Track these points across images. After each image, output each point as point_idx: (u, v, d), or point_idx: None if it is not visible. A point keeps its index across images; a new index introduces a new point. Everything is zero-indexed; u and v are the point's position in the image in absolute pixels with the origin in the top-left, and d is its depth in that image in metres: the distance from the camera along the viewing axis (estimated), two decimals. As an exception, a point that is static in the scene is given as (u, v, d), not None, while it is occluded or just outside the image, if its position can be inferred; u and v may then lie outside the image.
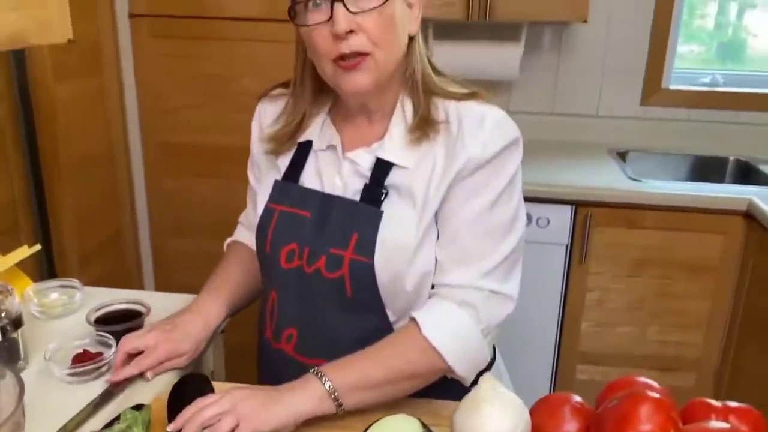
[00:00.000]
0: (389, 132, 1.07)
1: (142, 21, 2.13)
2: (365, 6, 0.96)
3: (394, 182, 1.05)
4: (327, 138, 1.11)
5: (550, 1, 2.21)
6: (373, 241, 1.02)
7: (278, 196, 1.13)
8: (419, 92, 1.07)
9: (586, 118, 2.66)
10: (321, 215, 1.07)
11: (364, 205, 1.05)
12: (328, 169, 1.10)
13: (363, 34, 0.97)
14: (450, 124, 1.04)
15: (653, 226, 2.10)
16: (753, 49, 2.66)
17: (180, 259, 2.37)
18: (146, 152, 2.27)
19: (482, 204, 1.03)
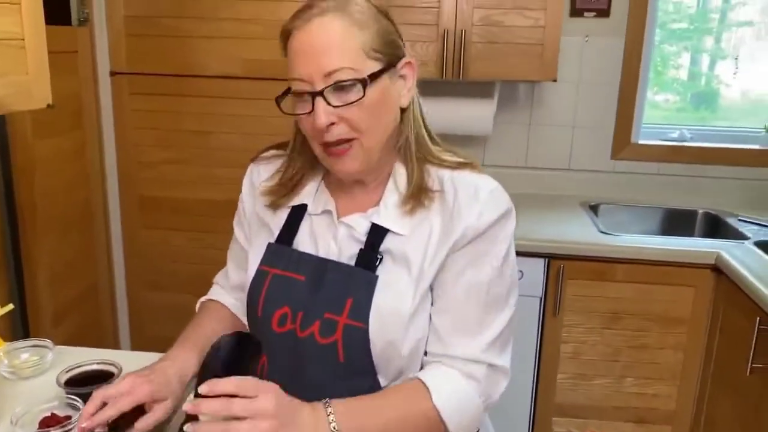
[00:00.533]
0: (384, 199, 1.08)
1: (122, 78, 2.17)
2: (346, 99, 0.97)
3: (389, 248, 1.05)
4: (322, 202, 1.12)
5: (521, 61, 2.29)
6: (368, 307, 1.02)
7: (271, 258, 1.12)
8: (413, 161, 1.07)
9: (558, 172, 2.73)
10: (316, 279, 1.07)
11: (359, 269, 1.05)
12: (323, 233, 1.10)
13: (345, 124, 0.99)
14: (445, 194, 1.06)
15: (625, 279, 2.14)
16: (725, 98, 2.74)
17: (156, 313, 2.36)
18: (124, 206, 2.29)
19: (480, 275, 1.05)
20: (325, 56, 0.95)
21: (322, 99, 0.97)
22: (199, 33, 2.10)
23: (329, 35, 0.96)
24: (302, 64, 0.97)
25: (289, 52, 0.99)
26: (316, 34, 0.96)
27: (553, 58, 2.28)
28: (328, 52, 0.95)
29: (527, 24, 2.27)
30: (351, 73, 0.96)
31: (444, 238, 1.04)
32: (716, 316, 2.10)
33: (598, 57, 2.60)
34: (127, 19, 2.13)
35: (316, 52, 0.96)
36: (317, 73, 0.96)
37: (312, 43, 0.96)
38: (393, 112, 1.04)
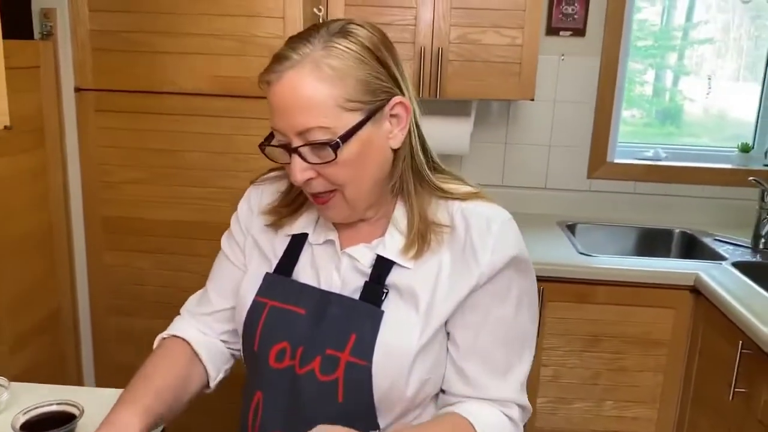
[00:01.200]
0: (389, 231, 1.03)
1: (88, 95, 2.08)
2: (322, 157, 0.93)
3: (395, 282, 1.00)
4: (323, 232, 1.07)
5: (498, 80, 2.27)
6: (373, 343, 0.97)
7: (269, 289, 1.06)
8: (411, 200, 1.01)
9: (534, 191, 2.70)
10: (317, 313, 1.01)
11: (363, 303, 1.00)
12: (324, 264, 1.05)
13: (323, 179, 0.95)
14: (455, 228, 1.01)
15: (604, 301, 2.11)
16: (689, 114, 2.76)
17: (121, 339, 2.26)
18: (88, 227, 2.19)
19: (506, 312, 1.01)
20: (297, 115, 0.91)
21: (297, 156, 0.93)
22: (167, 48, 2.02)
23: (300, 92, 0.90)
24: (277, 118, 0.94)
25: (268, 100, 0.95)
26: (288, 91, 0.91)
27: (530, 77, 2.26)
28: (300, 111, 0.90)
29: (504, 42, 2.24)
30: (324, 132, 0.91)
31: (459, 276, 0.99)
32: (696, 337, 2.08)
33: (573, 76, 2.59)
34: (93, 33, 2.04)
35: (288, 110, 0.91)
36: (291, 130, 0.92)
37: (284, 100, 0.91)
38: (380, 159, 0.98)
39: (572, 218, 2.61)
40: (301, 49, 0.91)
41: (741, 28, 2.70)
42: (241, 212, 1.16)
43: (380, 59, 0.95)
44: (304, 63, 0.90)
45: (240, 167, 2.08)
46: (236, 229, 1.16)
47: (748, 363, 1.74)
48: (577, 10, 2.53)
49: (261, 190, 1.15)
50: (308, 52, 0.91)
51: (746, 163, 2.67)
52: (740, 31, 2.70)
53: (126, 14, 2.03)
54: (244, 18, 1.99)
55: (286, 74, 0.91)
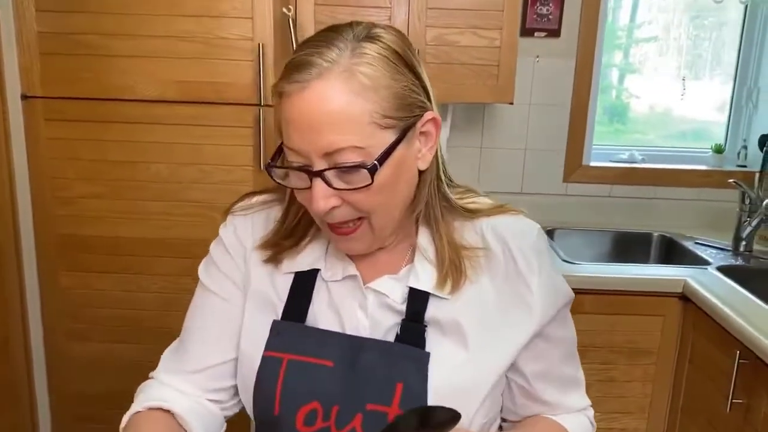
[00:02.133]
0: (418, 259, 0.90)
1: (36, 103, 1.91)
2: (351, 182, 0.79)
3: (435, 316, 0.88)
4: (339, 265, 0.92)
5: (476, 83, 2.18)
6: (425, 392, 0.84)
7: (281, 340, 0.90)
8: (440, 229, 0.89)
9: (510, 196, 2.62)
10: (348, 363, 0.87)
11: (404, 346, 0.86)
12: (346, 303, 0.90)
13: (349, 206, 0.81)
14: (491, 249, 0.90)
15: (591, 310, 2.04)
16: (634, 111, 2.72)
17: (79, 366, 2.09)
18: (40, 247, 2.01)
19: (568, 331, 0.96)
20: (326, 133, 0.76)
21: (320, 180, 0.78)
22: (125, 52, 1.86)
23: (331, 106, 0.76)
24: (298, 137, 0.78)
25: (283, 115, 0.79)
26: (315, 104, 0.76)
27: (509, 80, 2.18)
28: (330, 128, 0.76)
29: (482, 44, 2.15)
30: (357, 154, 0.77)
31: (509, 306, 0.88)
32: (685, 345, 2.03)
33: (548, 78, 2.52)
34: (41, 35, 1.86)
35: (315, 127, 0.76)
36: (314, 151, 0.77)
37: (310, 116, 0.76)
38: (410, 181, 0.86)
39: (549, 223, 2.54)
40: (328, 54, 0.77)
41: (680, 28, 2.71)
42: (229, 242, 0.96)
43: (412, 68, 0.82)
44: (335, 71, 0.76)
45: (207, 179, 1.94)
46: (226, 261, 0.96)
47: (746, 373, 1.69)
48: (551, 10, 2.46)
49: (250, 219, 0.96)
50: (337, 59, 0.77)
51: (720, 164, 2.65)
52: (680, 31, 2.72)
53: (77, 14, 1.86)
54: (209, 18, 1.85)
55: (313, 84, 0.76)
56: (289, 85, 0.77)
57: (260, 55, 1.85)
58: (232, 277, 0.95)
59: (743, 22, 2.62)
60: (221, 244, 0.97)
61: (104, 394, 2.10)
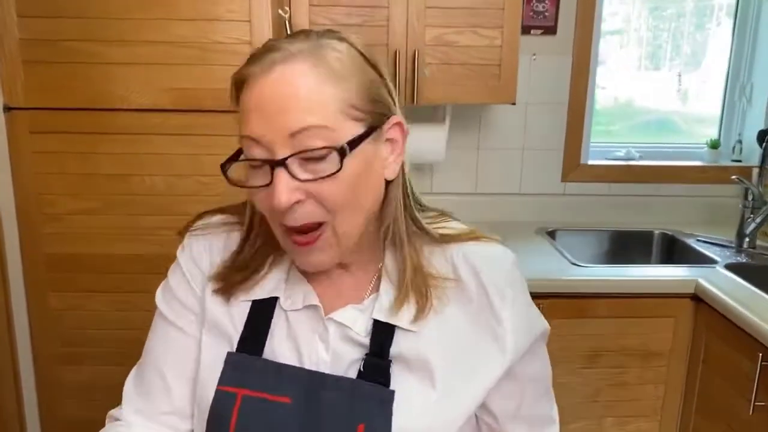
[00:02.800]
0: (384, 287, 0.84)
1: (19, 115, 1.79)
2: (316, 171, 0.74)
3: (401, 351, 0.82)
4: (300, 294, 0.85)
5: (477, 84, 2.12)
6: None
7: (237, 374, 0.83)
8: (404, 251, 0.83)
9: (509, 197, 2.58)
10: (307, 401, 0.81)
11: (367, 384, 0.80)
12: (306, 335, 0.84)
13: (313, 202, 0.75)
14: (461, 279, 0.84)
15: (604, 314, 2.00)
16: (599, 102, 2.68)
17: (71, 391, 1.98)
18: (27, 267, 1.89)
19: (541, 366, 0.90)
20: (290, 112, 0.72)
21: (284, 170, 0.73)
22: (115, 59, 1.75)
23: (296, 87, 0.73)
24: (259, 122, 0.73)
25: (242, 105, 0.76)
26: (279, 85, 0.73)
27: (511, 80, 2.13)
28: (294, 107, 0.72)
29: (483, 43, 2.10)
30: (323, 135, 0.73)
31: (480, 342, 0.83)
32: (697, 346, 2.00)
33: (545, 76, 2.48)
34: (23, 42, 1.74)
35: (278, 108, 0.72)
36: (279, 133, 0.72)
37: (273, 97, 0.73)
38: (376, 188, 0.81)
39: (550, 224, 2.50)
40: (294, 44, 0.75)
41: (640, 20, 2.72)
42: (187, 266, 0.90)
43: (376, 67, 0.81)
44: (301, 56, 0.74)
45: (206, 191, 1.85)
46: (182, 288, 0.89)
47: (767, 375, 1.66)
48: (547, 7, 2.41)
49: (208, 241, 0.90)
50: (303, 47, 0.75)
51: (716, 159, 2.64)
52: (639, 22, 2.72)
53: (62, 20, 1.75)
54: (205, 22, 1.76)
55: (277, 67, 0.73)
56: (251, 68, 0.74)
57: (259, 59, 1.76)
58: (189, 306, 0.89)
59: (735, 16, 2.61)
60: (178, 268, 0.91)
61: (98, 420, 1.98)
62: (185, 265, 0.90)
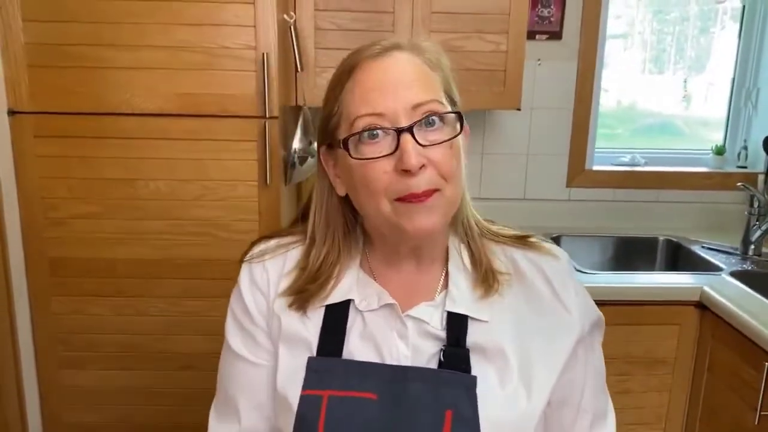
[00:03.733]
0: (452, 279, 0.90)
1: (24, 119, 1.79)
2: (436, 138, 0.81)
3: (477, 341, 0.87)
4: (374, 295, 0.89)
5: (483, 90, 2.12)
6: (475, 417, 0.82)
7: (319, 377, 0.86)
8: (475, 238, 0.91)
9: (513, 202, 2.57)
10: (393, 394, 0.84)
11: (450, 372, 0.84)
12: (384, 333, 0.88)
13: (433, 169, 0.81)
14: (523, 275, 0.91)
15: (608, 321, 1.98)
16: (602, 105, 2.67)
17: (75, 396, 1.98)
18: (31, 271, 1.89)
19: (597, 359, 0.94)
20: (412, 88, 0.81)
21: (410, 136, 0.80)
22: (120, 63, 1.75)
23: (410, 69, 0.83)
24: (381, 97, 0.81)
25: (356, 87, 0.83)
26: (397, 68, 0.83)
27: (516, 85, 2.12)
28: (414, 84, 0.82)
29: (489, 49, 2.09)
30: (439, 109, 0.82)
31: (549, 329, 0.88)
32: (702, 354, 1.99)
33: (550, 81, 2.48)
34: (28, 47, 1.74)
35: (399, 85, 0.81)
36: (403, 106, 0.80)
37: (393, 75, 0.82)
38: (465, 169, 0.89)
39: (554, 230, 2.50)
40: (396, 41, 0.86)
41: (644, 23, 2.72)
42: (248, 295, 0.93)
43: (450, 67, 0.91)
44: (407, 48, 0.85)
45: (210, 196, 1.84)
46: (248, 317, 0.93)
47: (774, 385, 1.65)
48: (553, 12, 2.41)
49: (263, 266, 0.94)
50: (405, 43, 0.86)
51: (721, 166, 2.63)
52: (644, 26, 2.72)
53: (68, 24, 1.75)
54: (210, 27, 1.75)
55: (393, 53, 0.84)
56: (367, 53, 0.83)
57: (264, 64, 1.76)
58: (255, 335, 0.93)
59: (741, 21, 2.60)
60: (240, 299, 0.94)
61: (101, 425, 2.00)
62: (247, 294, 0.93)
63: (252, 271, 0.94)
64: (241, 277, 0.94)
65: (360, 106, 0.82)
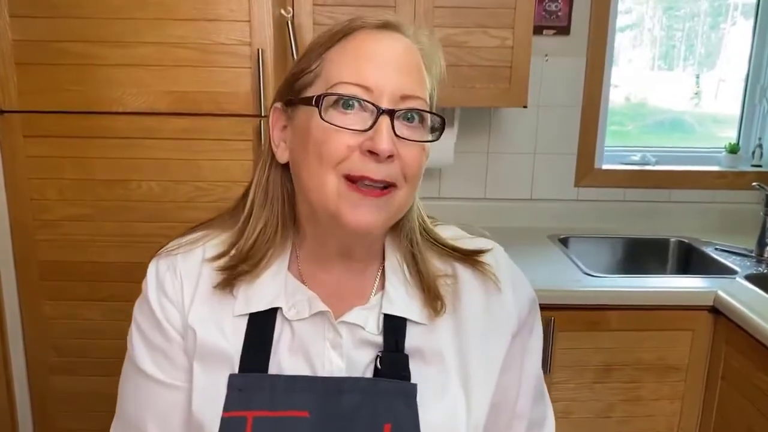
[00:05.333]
0: (389, 280, 0.82)
1: (12, 118, 1.74)
2: (411, 135, 0.76)
3: (414, 345, 0.80)
4: (304, 301, 0.80)
5: (488, 86, 2.05)
6: (416, 429, 0.76)
7: (242, 396, 0.76)
8: (420, 249, 0.85)
9: (520, 203, 2.50)
10: (327, 410, 0.76)
11: (387, 381, 0.78)
12: (316, 344, 0.79)
13: (398, 164, 0.75)
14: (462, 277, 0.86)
15: (618, 327, 1.92)
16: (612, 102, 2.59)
17: (67, 403, 1.93)
18: (20, 275, 1.83)
19: (536, 362, 0.87)
20: (406, 76, 0.76)
21: (389, 121, 0.74)
22: (111, 60, 1.69)
23: (410, 58, 0.78)
24: (373, 70, 0.75)
25: (349, 50, 0.77)
26: (397, 49, 0.77)
27: (522, 82, 2.05)
28: (409, 73, 0.77)
29: (493, 44, 2.02)
30: (426, 108, 0.78)
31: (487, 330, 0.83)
32: (716, 361, 1.92)
33: (558, 77, 2.40)
34: (16, 44, 1.69)
35: (394, 67, 0.76)
36: (392, 88, 0.75)
37: (392, 55, 0.76)
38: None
39: (562, 231, 2.42)
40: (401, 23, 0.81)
41: (654, 19, 2.67)
42: (156, 306, 0.81)
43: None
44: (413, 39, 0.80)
45: (203, 197, 1.78)
46: (160, 332, 0.81)
47: (792, 395, 1.58)
48: (560, 6, 2.33)
49: (174, 270, 0.81)
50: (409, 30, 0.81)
51: (735, 165, 2.54)
52: (653, 22, 2.67)
53: (57, 20, 1.69)
54: (203, 23, 1.69)
55: (398, 35, 0.79)
56: (373, 20, 0.78)
57: (259, 61, 1.69)
58: (172, 356, 0.81)
59: (756, 17, 2.51)
60: (149, 314, 0.82)
61: (94, 431, 1.94)
62: (155, 305, 0.81)
63: (161, 278, 0.82)
64: (148, 285, 0.83)
65: (347, 71, 0.75)
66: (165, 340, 0.81)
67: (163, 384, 0.81)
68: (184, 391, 0.80)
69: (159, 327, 0.81)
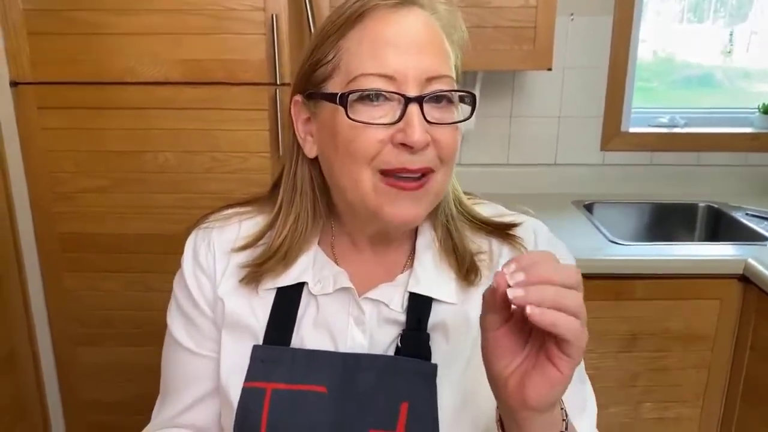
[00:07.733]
0: (418, 258, 0.81)
1: (27, 90, 1.71)
2: (443, 117, 0.72)
3: (440, 323, 0.79)
4: (329, 277, 0.80)
5: (511, 48, 1.98)
6: (434, 410, 0.74)
7: (263, 368, 0.78)
8: (456, 224, 0.83)
9: (544, 167, 2.44)
10: (344, 386, 0.76)
11: (407, 360, 0.76)
12: (338, 319, 0.80)
13: (433, 149, 0.73)
14: (493, 253, 0.83)
15: (644, 296, 1.87)
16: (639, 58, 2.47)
17: (91, 373, 1.94)
18: (42, 248, 1.84)
19: None
20: (428, 55, 0.72)
21: (418, 109, 0.70)
22: (123, 29, 1.65)
23: (430, 33, 0.73)
24: (394, 56, 0.71)
25: (365, 37, 0.72)
26: (416, 26, 0.72)
27: (547, 44, 1.97)
28: (430, 51, 0.72)
29: (516, 4, 1.94)
30: (454, 86, 0.74)
31: None
32: (744, 330, 1.87)
33: (584, 38, 2.31)
34: (27, 13, 1.65)
35: (416, 47, 0.71)
36: (416, 72, 0.71)
37: (411, 34, 0.72)
38: None
39: (587, 196, 2.36)
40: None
41: None
42: (191, 279, 0.84)
43: None
44: (430, 10, 0.75)
45: (220, 168, 1.76)
46: (192, 303, 0.84)
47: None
48: (587, -38, 2.23)
49: (208, 243, 0.85)
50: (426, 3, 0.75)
51: (768, 126, 2.45)
52: None
53: (67, -13, 1.65)
54: (216, -12, 1.64)
55: (416, 10, 0.74)
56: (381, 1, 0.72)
57: (274, 27, 1.65)
58: (203, 328, 0.84)
59: (793, -32, 2.39)
60: (182, 282, 0.86)
61: (119, 401, 1.96)
62: (190, 278, 0.85)
63: (196, 250, 0.85)
64: (185, 257, 0.86)
65: (368, 61, 0.71)
66: (197, 311, 0.84)
67: (194, 353, 0.84)
68: (214, 361, 0.83)
69: (191, 298, 0.84)
